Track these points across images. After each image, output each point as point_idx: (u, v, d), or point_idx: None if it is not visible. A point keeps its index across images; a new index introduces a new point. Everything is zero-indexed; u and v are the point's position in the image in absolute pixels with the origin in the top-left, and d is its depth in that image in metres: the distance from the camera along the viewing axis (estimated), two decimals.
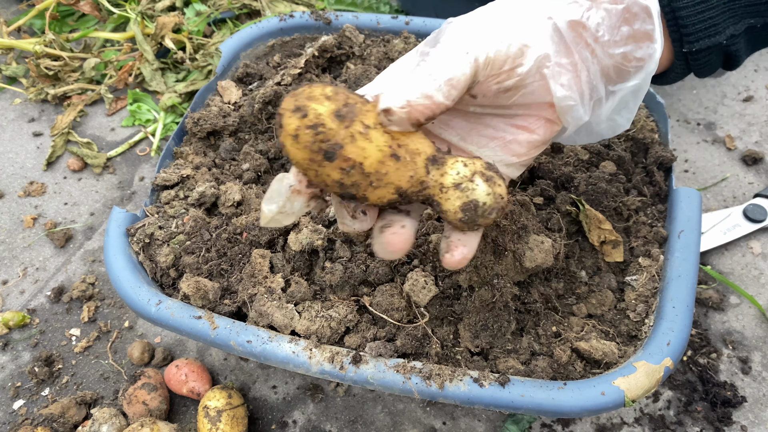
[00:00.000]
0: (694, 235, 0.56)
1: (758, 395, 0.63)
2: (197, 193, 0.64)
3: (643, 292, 0.55)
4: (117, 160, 0.91)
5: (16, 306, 0.75)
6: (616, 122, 0.44)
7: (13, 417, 0.65)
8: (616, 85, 0.40)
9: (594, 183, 0.62)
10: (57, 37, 1.01)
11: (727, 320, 0.69)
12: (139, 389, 0.63)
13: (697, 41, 0.40)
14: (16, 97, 1.01)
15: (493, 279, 0.52)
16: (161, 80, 0.98)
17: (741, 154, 0.85)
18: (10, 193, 0.87)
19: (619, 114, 0.43)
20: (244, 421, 0.61)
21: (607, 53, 0.38)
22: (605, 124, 0.44)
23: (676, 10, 0.39)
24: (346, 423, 0.64)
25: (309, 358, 0.49)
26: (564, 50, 0.38)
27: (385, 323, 0.53)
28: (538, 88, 0.39)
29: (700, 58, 0.41)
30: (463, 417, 0.63)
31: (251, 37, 0.79)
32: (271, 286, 0.55)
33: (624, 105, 0.43)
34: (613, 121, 0.44)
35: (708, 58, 0.41)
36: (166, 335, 0.71)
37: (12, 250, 0.81)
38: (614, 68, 0.39)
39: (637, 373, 0.47)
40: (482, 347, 0.52)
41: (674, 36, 0.41)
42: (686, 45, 0.41)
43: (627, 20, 0.38)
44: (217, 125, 0.70)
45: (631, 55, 0.39)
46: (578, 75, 0.39)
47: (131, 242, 0.60)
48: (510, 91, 0.39)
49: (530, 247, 0.52)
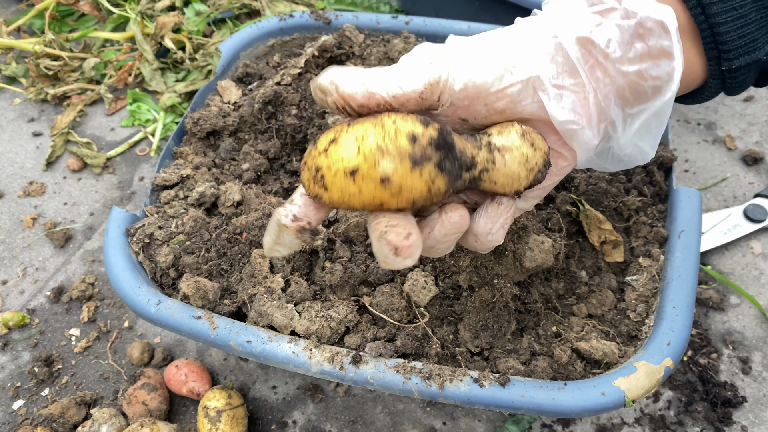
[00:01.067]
0: (694, 235, 0.56)
1: (758, 395, 0.63)
2: (197, 193, 0.63)
3: (643, 292, 0.55)
4: (117, 160, 0.91)
5: (16, 306, 0.75)
6: (641, 148, 0.42)
7: (13, 417, 0.65)
8: (634, 107, 0.38)
9: (594, 183, 0.62)
10: (57, 37, 1.01)
11: (728, 320, 0.69)
12: (139, 389, 0.63)
13: (736, 58, 0.38)
14: (16, 97, 1.01)
15: (493, 279, 0.52)
16: (161, 80, 0.98)
17: (741, 154, 0.85)
18: (10, 193, 0.87)
19: (642, 140, 0.41)
20: (243, 421, 0.61)
21: (620, 71, 0.36)
22: (630, 150, 0.42)
23: (714, 26, 0.37)
24: (346, 423, 0.64)
25: (309, 359, 0.49)
26: (568, 70, 0.36)
27: (385, 323, 0.53)
28: (537, 110, 0.37)
29: (737, 76, 0.39)
30: (463, 417, 0.63)
31: (251, 36, 0.79)
32: (271, 286, 0.54)
33: (647, 130, 0.40)
34: (637, 147, 0.41)
35: (745, 76, 0.39)
36: (165, 335, 0.71)
37: (11, 250, 0.81)
38: (630, 88, 0.37)
39: (638, 373, 0.47)
40: (482, 347, 0.52)
41: (711, 54, 0.38)
42: (725, 63, 0.38)
43: (641, 36, 0.36)
44: (216, 125, 0.70)
45: (647, 73, 0.36)
46: (585, 96, 0.37)
47: (131, 242, 0.60)
48: (503, 114, 0.37)
49: (530, 247, 0.52)
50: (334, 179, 0.34)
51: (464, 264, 0.52)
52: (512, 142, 0.37)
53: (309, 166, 0.36)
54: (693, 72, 0.40)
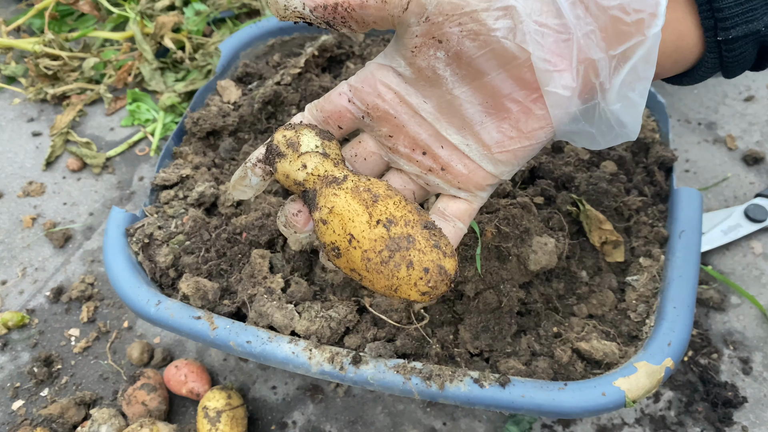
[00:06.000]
0: (694, 235, 0.56)
1: (759, 395, 0.63)
2: (197, 193, 0.63)
3: (643, 293, 0.55)
4: (116, 159, 0.91)
5: (15, 306, 0.75)
6: (631, 100, 0.38)
7: (12, 417, 0.65)
8: (617, 47, 0.36)
9: (595, 183, 0.62)
10: (56, 37, 1.01)
11: (728, 320, 0.69)
12: (139, 390, 0.62)
13: (733, 27, 0.36)
14: (15, 96, 1.01)
15: (499, 284, 0.52)
16: (160, 80, 0.98)
17: (742, 153, 0.85)
18: (9, 193, 0.87)
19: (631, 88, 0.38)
20: (243, 421, 0.61)
21: (601, 6, 0.34)
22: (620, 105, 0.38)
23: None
24: (345, 424, 0.63)
25: (309, 359, 0.49)
26: (554, 11, 0.34)
27: (385, 324, 0.53)
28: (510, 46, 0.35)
29: (735, 49, 0.37)
30: (463, 418, 0.63)
31: (251, 36, 0.79)
32: (271, 287, 0.54)
33: (635, 76, 0.37)
34: (627, 99, 0.38)
35: (742, 50, 0.37)
36: (165, 335, 0.71)
37: (11, 250, 0.80)
38: (612, 26, 0.35)
39: (638, 373, 0.47)
40: (482, 349, 0.52)
41: (707, 23, 0.37)
42: (721, 32, 0.36)
43: None
44: (216, 125, 0.70)
45: (629, 6, 0.34)
46: (569, 39, 0.35)
47: (130, 242, 0.60)
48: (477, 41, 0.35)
49: (534, 250, 0.52)
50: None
51: (470, 274, 0.52)
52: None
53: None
54: (688, 44, 0.38)
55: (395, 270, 0.36)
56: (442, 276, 0.36)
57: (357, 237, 0.36)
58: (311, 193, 0.39)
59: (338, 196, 0.37)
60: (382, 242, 0.36)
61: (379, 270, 0.36)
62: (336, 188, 0.37)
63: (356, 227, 0.36)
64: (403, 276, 0.36)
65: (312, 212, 0.39)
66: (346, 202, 0.37)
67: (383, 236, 0.36)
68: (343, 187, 0.37)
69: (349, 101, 0.41)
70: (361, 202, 0.37)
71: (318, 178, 0.39)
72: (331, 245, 0.38)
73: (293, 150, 0.39)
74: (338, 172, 0.39)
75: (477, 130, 0.39)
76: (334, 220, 0.37)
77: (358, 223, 0.36)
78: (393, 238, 0.36)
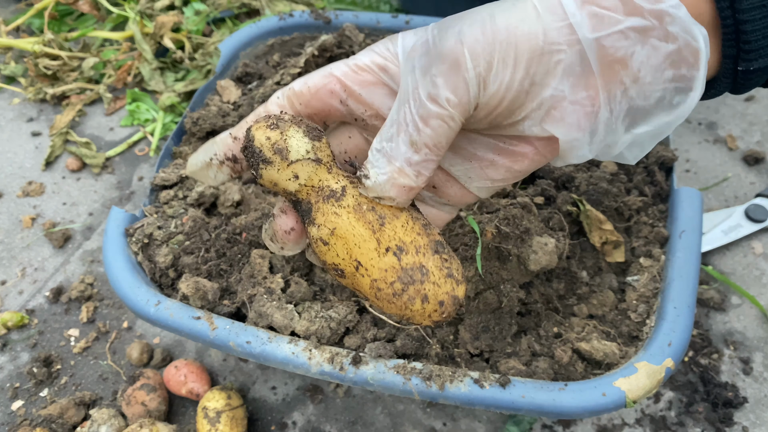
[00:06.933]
0: (695, 236, 0.56)
1: (759, 396, 0.63)
2: (196, 193, 0.63)
3: (644, 293, 0.55)
4: (116, 159, 0.91)
5: (15, 306, 0.75)
6: (623, 156, 0.39)
7: (12, 418, 0.65)
8: (638, 126, 0.36)
9: (595, 183, 0.62)
10: (56, 37, 1.01)
11: (729, 321, 0.69)
12: (138, 390, 0.62)
13: (756, 59, 0.35)
14: (15, 96, 1.00)
15: (500, 285, 0.52)
16: (160, 80, 0.98)
17: (742, 153, 0.85)
18: (9, 193, 0.87)
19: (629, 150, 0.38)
20: (243, 422, 0.61)
21: (644, 95, 0.33)
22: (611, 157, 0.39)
23: (741, 23, 0.34)
24: (345, 424, 0.63)
25: (309, 359, 0.49)
26: (584, 83, 0.33)
27: (385, 324, 0.53)
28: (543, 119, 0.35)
29: (752, 78, 0.36)
30: (463, 418, 0.63)
31: (250, 36, 0.79)
32: (271, 287, 0.54)
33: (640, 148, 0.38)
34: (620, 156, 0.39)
35: (759, 78, 0.37)
36: (165, 336, 0.71)
37: (10, 251, 0.80)
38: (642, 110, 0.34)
39: (639, 373, 0.47)
40: (482, 349, 0.52)
41: (729, 52, 0.35)
42: (743, 63, 0.35)
43: (674, 63, 0.33)
44: (216, 125, 0.70)
45: (666, 101, 0.34)
46: (595, 112, 0.34)
47: (130, 242, 0.59)
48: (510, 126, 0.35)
49: (534, 250, 0.52)
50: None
51: (470, 274, 0.52)
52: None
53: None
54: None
55: (409, 303, 0.34)
56: (455, 305, 0.35)
57: (365, 265, 0.34)
58: (305, 205, 0.36)
59: (340, 216, 0.35)
60: (393, 273, 0.34)
61: (391, 301, 0.34)
62: (336, 206, 0.35)
63: (363, 255, 0.34)
64: (417, 309, 0.34)
65: (307, 225, 0.36)
66: (349, 224, 0.34)
67: (394, 266, 0.34)
68: (343, 205, 0.35)
69: (341, 102, 0.38)
70: (367, 226, 0.34)
71: (312, 189, 0.35)
72: (333, 266, 0.35)
73: (281, 158, 0.34)
74: (334, 181, 0.36)
75: (484, 166, 0.39)
76: (337, 243, 0.35)
77: (366, 251, 0.34)
78: (405, 269, 0.34)
